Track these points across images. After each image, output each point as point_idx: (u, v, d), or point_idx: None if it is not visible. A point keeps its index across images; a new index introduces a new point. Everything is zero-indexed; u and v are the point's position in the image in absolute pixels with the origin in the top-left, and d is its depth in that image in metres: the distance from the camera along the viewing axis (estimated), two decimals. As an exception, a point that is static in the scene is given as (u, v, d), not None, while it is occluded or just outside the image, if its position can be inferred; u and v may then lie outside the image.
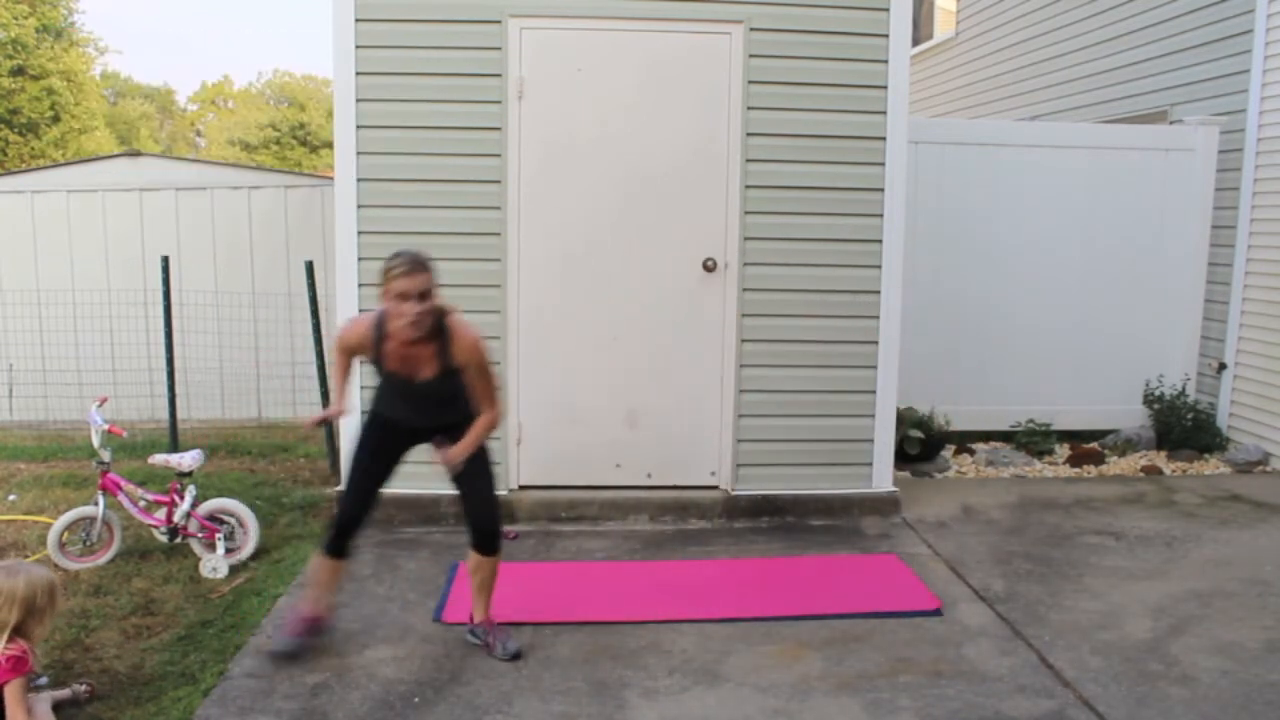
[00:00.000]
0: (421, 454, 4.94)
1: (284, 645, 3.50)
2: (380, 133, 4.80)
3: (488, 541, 3.53)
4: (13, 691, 2.81)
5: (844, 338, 5.05)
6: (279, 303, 6.91)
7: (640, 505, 5.05)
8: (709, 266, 4.98)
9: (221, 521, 4.46)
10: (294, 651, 3.48)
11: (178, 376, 6.26)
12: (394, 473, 3.58)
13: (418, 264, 3.15)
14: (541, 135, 4.87)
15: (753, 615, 3.89)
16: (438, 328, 3.26)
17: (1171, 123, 6.99)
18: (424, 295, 3.14)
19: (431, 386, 3.34)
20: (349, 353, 3.42)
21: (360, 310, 4.86)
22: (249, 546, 4.50)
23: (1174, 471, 6.14)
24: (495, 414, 3.42)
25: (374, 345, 3.32)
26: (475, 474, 3.48)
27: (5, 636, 2.83)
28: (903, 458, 5.85)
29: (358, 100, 4.76)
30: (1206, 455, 6.36)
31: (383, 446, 3.53)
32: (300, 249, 6.77)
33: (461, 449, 3.38)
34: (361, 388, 4.92)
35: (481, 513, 3.52)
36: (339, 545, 3.52)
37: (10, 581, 2.86)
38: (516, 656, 3.53)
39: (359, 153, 4.79)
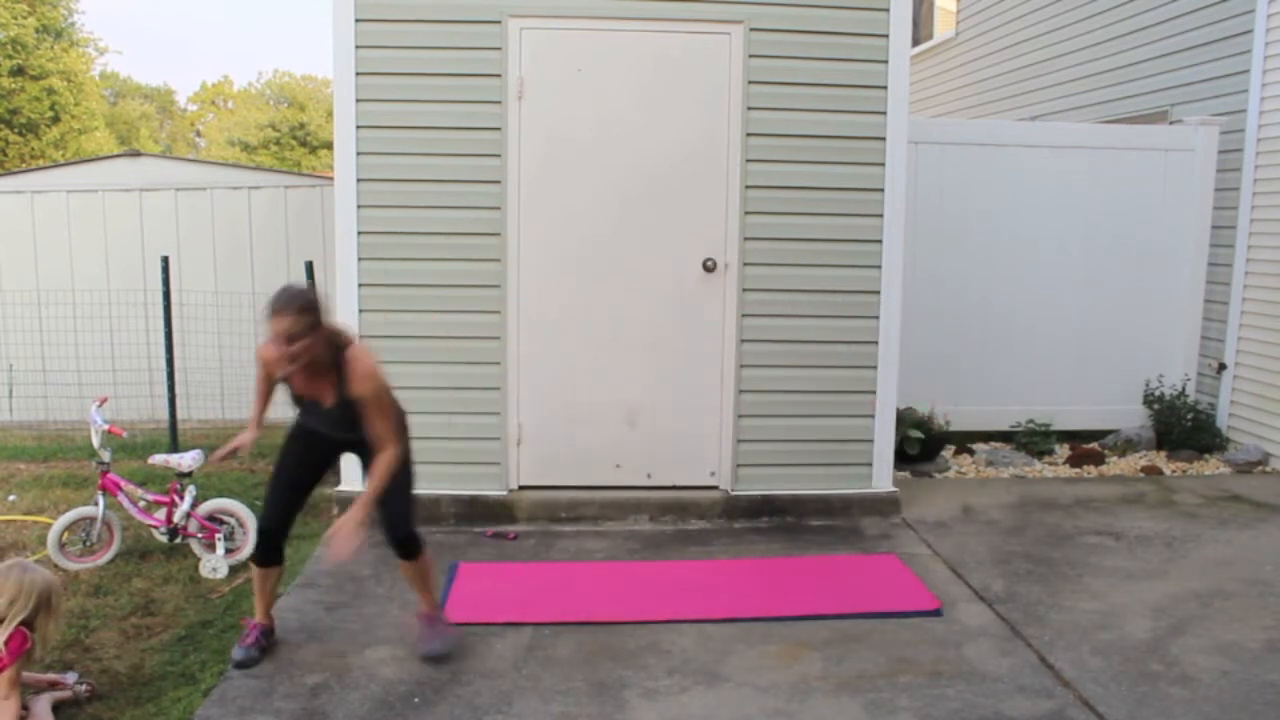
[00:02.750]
0: (422, 454, 4.95)
1: (240, 654, 3.46)
2: (380, 133, 4.80)
3: (401, 548, 3.50)
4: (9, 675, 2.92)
5: (844, 338, 5.06)
6: (279, 303, 6.90)
7: (640, 505, 5.05)
8: (709, 266, 4.98)
9: (221, 521, 4.46)
10: (247, 661, 3.44)
11: (178, 376, 6.26)
12: (320, 479, 3.60)
13: (282, 306, 3.13)
14: (541, 135, 4.87)
15: (753, 615, 3.89)
16: (334, 360, 3.28)
17: (1171, 123, 6.99)
18: (291, 338, 3.13)
19: (336, 413, 3.37)
20: (266, 372, 3.49)
21: (360, 311, 4.87)
22: (249, 546, 4.49)
23: (1174, 471, 6.14)
24: (394, 453, 3.32)
25: (280, 368, 3.34)
26: (391, 493, 3.37)
27: (12, 627, 2.93)
28: (903, 458, 5.85)
29: (358, 100, 4.77)
30: (1206, 455, 6.36)
31: (308, 454, 3.54)
32: (300, 249, 6.77)
33: (346, 530, 3.19)
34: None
35: (394, 524, 3.45)
36: (263, 555, 3.52)
37: (29, 576, 3.00)
38: (436, 659, 3.49)
39: (359, 153, 4.79)
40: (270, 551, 3.52)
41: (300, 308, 3.16)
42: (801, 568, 4.46)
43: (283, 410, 3.66)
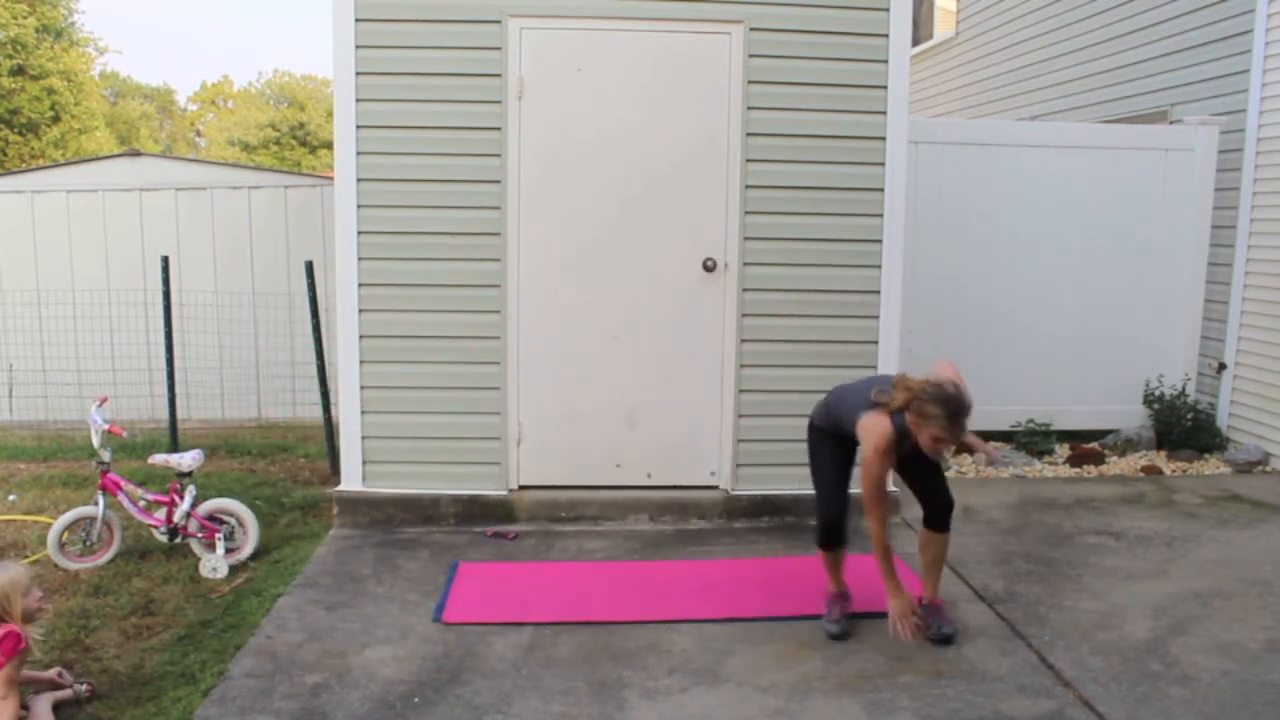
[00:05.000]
0: (422, 454, 4.96)
1: (834, 628, 3.73)
2: (380, 133, 4.79)
3: (944, 518, 3.74)
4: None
5: (844, 338, 5.05)
6: (279, 303, 6.92)
7: (640, 505, 5.05)
8: (709, 266, 4.98)
9: (221, 521, 4.46)
10: (844, 632, 3.73)
11: (178, 376, 6.26)
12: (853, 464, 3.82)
13: (962, 416, 3.36)
14: (541, 135, 4.87)
15: (753, 615, 3.89)
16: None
17: (1171, 123, 6.99)
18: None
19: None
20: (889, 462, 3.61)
21: (360, 311, 4.86)
22: (249, 546, 4.50)
23: (1174, 471, 6.14)
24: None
25: (896, 449, 3.54)
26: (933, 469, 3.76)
27: None
28: (903, 458, 5.85)
29: (358, 100, 4.76)
30: (1206, 455, 6.36)
31: (845, 452, 3.81)
32: (300, 249, 6.78)
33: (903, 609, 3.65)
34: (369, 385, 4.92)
35: (942, 492, 3.74)
36: (834, 540, 3.77)
37: None
38: (946, 641, 3.67)
39: (359, 153, 4.79)
40: (841, 538, 3.76)
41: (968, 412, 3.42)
42: (802, 567, 4.45)
43: (284, 410, 3.66)
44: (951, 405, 3.34)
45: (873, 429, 3.48)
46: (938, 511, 3.75)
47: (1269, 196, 6.23)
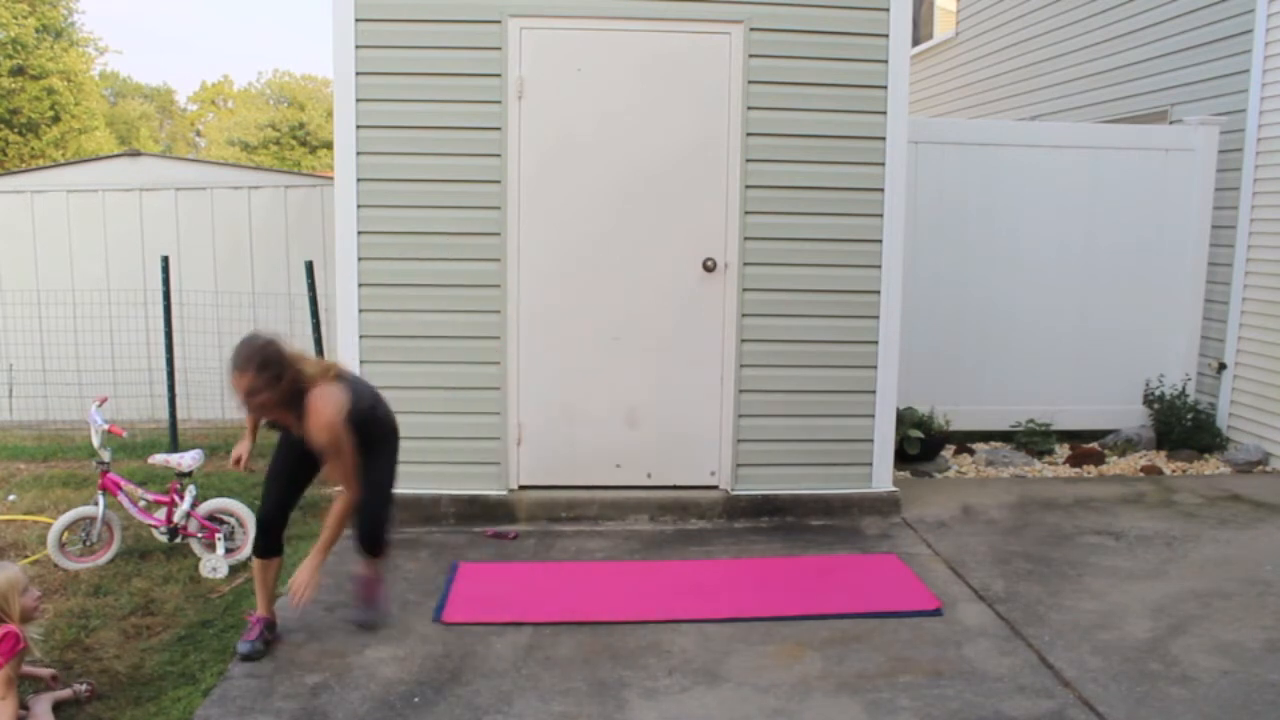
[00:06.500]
0: (422, 454, 4.96)
1: (245, 646, 3.51)
2: (380, 133, 4.80)
3: (366, 545, 3.64)
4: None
5: (844, 338, 5.06)
6: (279, 303, 6.92)
7: (640, 505, 5.05)
8: (709, 266, 4.98)
9: (221, 521, 4.46)
10: (252, 655, 3.50)
11: (178, 376, 6.27)
12: (316, 472, 3.62)
13: (242, 364, 3.22)
14: (541, 135, 4.87)
15: (753, 615, 3.89)
16: (299, 400, 3.32)
17: (1171, 123, 6.99)
18: (251, 395, 3.25)
19: (305, 442, 3.42)
20: None
21: (360, 311, 4.86)
22: (249, 546, 4.49)
23: (1174, 471, 6.14)
24: (350, 497, 3.44)
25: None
26: (376, 484, 3.56)
27: None
28: (903, 458, 5.85)
29: (358, 100, 4.77)
30: (1206, 455, 6.36)
31: (301, 449, 3.52)
32: (300, 249, 6.78)
33: (304, 576, 3.42)
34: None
35: (363, 519, 3.58)
36: (263, 547, 3.60)
37: None
38: (362, 628, 3.68)
39: (359, 153, 4.79)
40: (269, 543, 3.59)
41: (259, 365, 3.24)
42: (801, 567, 4.46)
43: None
44: (238, 349, 3.27)
45: (328, 397, 3.31)
46: (358, 529, 3.59)
47: (1269, 196, 6.23)
